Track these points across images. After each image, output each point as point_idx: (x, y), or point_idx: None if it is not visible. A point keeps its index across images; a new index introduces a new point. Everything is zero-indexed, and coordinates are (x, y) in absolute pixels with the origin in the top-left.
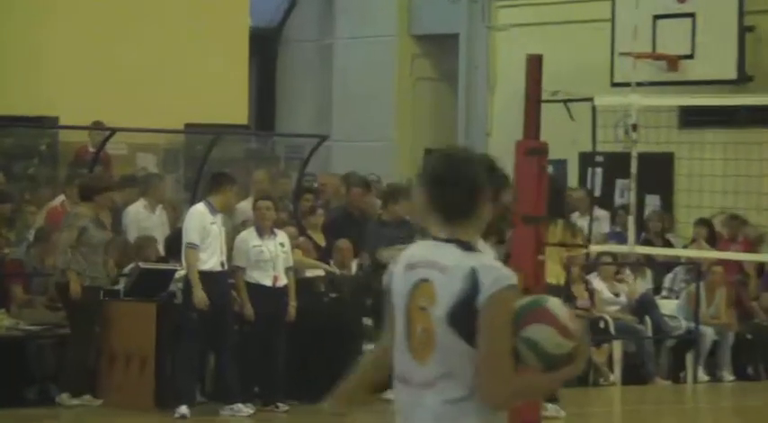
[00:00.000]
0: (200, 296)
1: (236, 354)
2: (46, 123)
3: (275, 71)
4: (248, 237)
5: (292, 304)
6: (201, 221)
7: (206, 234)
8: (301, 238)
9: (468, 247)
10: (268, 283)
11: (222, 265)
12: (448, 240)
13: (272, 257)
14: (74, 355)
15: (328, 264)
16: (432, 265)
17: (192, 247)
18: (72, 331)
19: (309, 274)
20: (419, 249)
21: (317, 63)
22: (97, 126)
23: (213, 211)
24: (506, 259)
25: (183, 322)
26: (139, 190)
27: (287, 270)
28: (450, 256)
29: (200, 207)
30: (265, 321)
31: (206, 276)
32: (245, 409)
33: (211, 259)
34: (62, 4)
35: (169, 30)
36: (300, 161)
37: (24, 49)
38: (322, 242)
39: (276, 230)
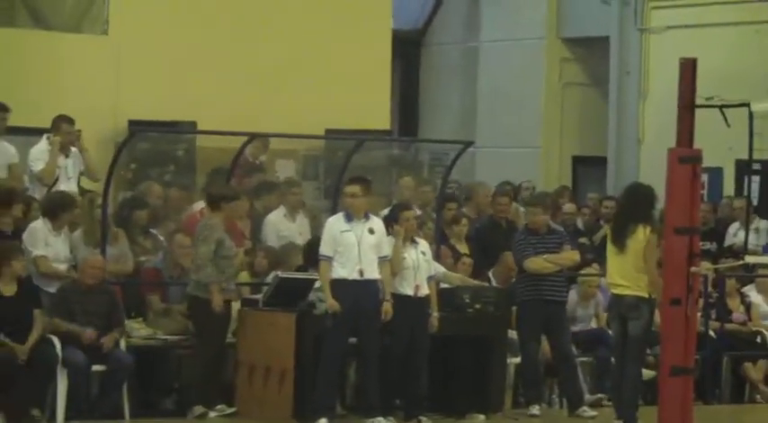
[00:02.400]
0: (330, 303)
1: (378, 365)
2: (183, 128)
3: (419, 75)
4: (387, 247)
5: (435, 315)
6: (332, 232)
7: (338, 243)
8: (443, 248)
9: None
10: (410, 292)
11: (360, 273)
12: None
13: (414, 266)
14: (202, 366)
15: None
16: None
17: (322, 258)
18: (200, 343)
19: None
20: None
21: (462, 67)
22: (234, 132)
23: (348, 218)
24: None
25: (324, 332)
26: (279, 197)
27: (429, 279)
28: None
29: (333, 218)
30: (407, 332)
31: (340, 285)
32: None
33: (344, 268)
34: (199, 7)
35: (310, 33)
36: (444, 168)
37: (160, 52)
38: (465, 251)
39: (418, 239)
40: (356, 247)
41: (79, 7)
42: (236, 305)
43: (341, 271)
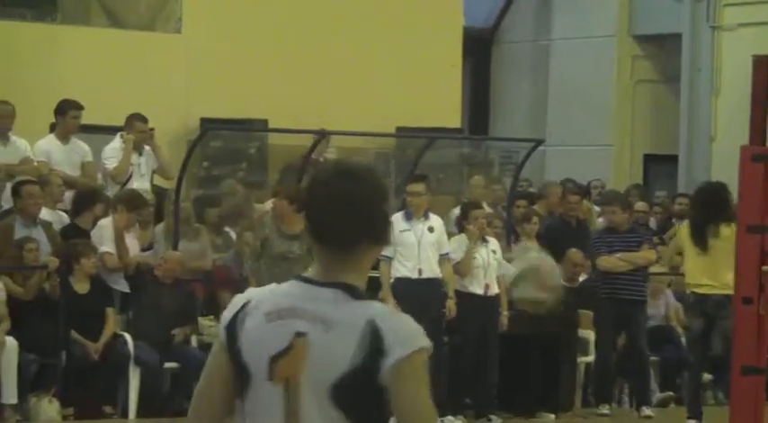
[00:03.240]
0: (390, 304)
1: (448, 365)
2: (255, 126)
3: (489, 73)
4: (459, 243)
5: (504, 314)
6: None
7: (398, 243)
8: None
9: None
10: (480, 291)
11: (419, 272)
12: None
13: (484, 265)
14: None
15: None
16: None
17: (382, 258)
18: None
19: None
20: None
21: (533, 64)
22: (305, 129)
23: (409, 217)
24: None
25: None
26: None
27: (499, 278)
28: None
29: (392, 217)
30: (477, 331)
31: (402, 284)
32: (456, 422)
33: (405, 267)
34: (271, 5)
35: (382, 31)
36: (515, 166)
37: (233, 50)
38: None
39: (488, 237)
40: (416, 246)
41: (153, 6)
42: None
43: (402, 270)
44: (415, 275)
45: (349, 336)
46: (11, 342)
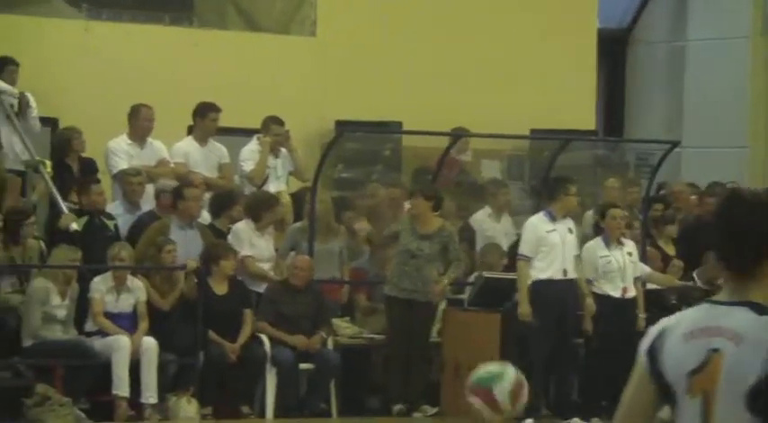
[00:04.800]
0: (524, 310)
1: (584, 367)
2: (389, 128)
3: (624, 74)
4: (595, 247)
5: (641, 316)
6: (535, 232)
7: (542, 243)
8: (651, 249)
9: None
10: (617, 294)
11: (564, 273)
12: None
13: (620, 268)
14: (400, 365)
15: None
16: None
17: (522, 258)
18: (391, 342)
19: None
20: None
21: (669, 65)
22: (440, 132)
23: (552, 218)
24: None
25: (530, 332)
26: (484, 198)
27: (635, 280)
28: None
29: (535, 218)
30: (614, 333)
31: (544, 285)
32: None
33: (550, 268)
34: (405, 7)
35: (516, 32)
36: (650, 168)
37: (367, 53)
38: (672, 253)
39: (624, 240)
40: (561, 246)
41: (288, 9)
42: (440, 305)
43: (546, 271)
44: (559, 276)
45: (759, 347)
46: (151, 342)
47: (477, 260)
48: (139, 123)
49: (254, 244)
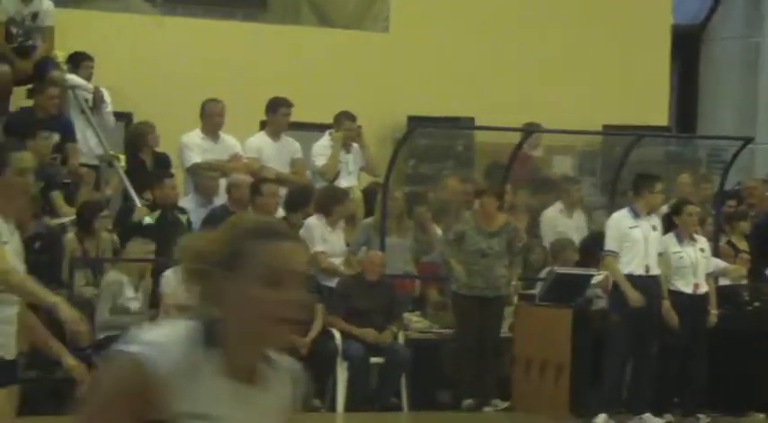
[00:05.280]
0: (633, 296)
1: (655, 362)
2: (462, 124)
3: (698, 70)
4: (668, 242)
5: (713, 312)
6: (618, 228)
7: (625, 239)
8: (724, 245)
9: None
10: (688, 290)
11: (647, 269)
12: None
13: (693, 264)
14: (461, 360)
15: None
16: None
17: (608, 254)
18: (459, 338)
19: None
20: None
21: (743, 62)
22: (512, 127)
23: (635, 215)
24: None
25: (610, 328)
26: (556, 193)
27: (707, 276)
28: None
29: (619, 213)
30: (686, 329)
31: (628, 280)
32: (656, 420)
33: (631, 264)
34: (478, 3)
35: (589, 27)
36: (723, 164)
37: (439, 48)
38: (745, 249)
39: (696, 236)
40: (643, 242)
41: (361, 5)
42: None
43: (627, 266)
44: (641, 272)
45: None
46: None
47: (549, 255)
48: (210, 119)
49: (325, 239)
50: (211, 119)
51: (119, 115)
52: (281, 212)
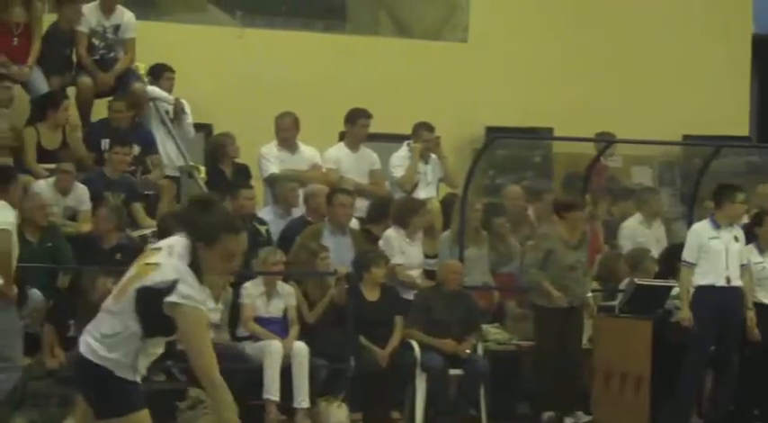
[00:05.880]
0: (684, 314)
1: (736, 374)
2: (540, 134)
3: None
4: (749, 253)
5: None
6: (698, 238)
7: (703, 250)
8: None
9: None
10: None
11: (727, 280)
12: None
13: None
14: (548, 373)
15: None
16: None
17: (685, 264)
18: (539, 349)
19: None
20: None
21: None
22: (591, 138)
23: (716, 225)
24: None
25: (686, 340)
26: (635, 204)
27: None
28: None
29: (699, 224)
30: (766, 342)
31: (705, 292)
32: None
33: (709, 275)
34: (557, 14)
35: (668, 38)
36: None
37: (518, 59)
38: None
39: None
40: (724, 253)
41: (440, 15)
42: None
43: (707, 277)
44: (722, 283)
45: None
46: (302, 347)
47: (628, 267)
48: (281, 132)
49: (404, 251)
50: (282, 132)
51: (199, 126)
52: (354, 223)
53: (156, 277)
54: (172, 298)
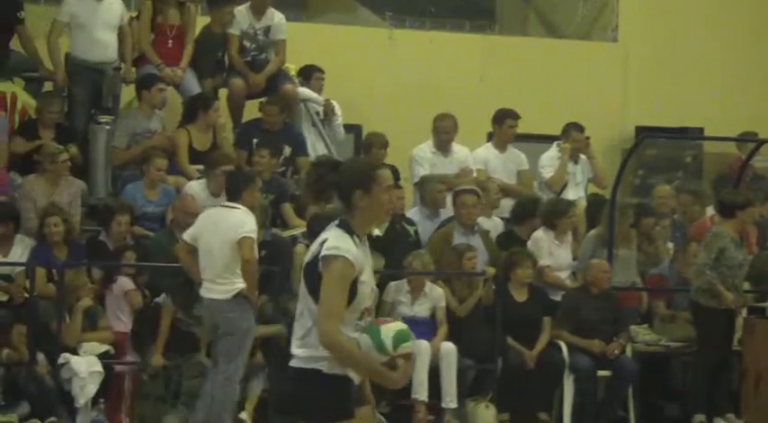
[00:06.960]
0: None
1: None
2: (691, 134)
3: None
4: None
5: None
6: None
7: None
8: None
9: None
10: None
11: None
12: None
13: None
14: (705, 374)
15: None
16: None
17: None
18: (701, 350)
19: None
20: None
21: None
22: (743, 137)
23: None
24: None
25: None
26: None
27: None
28: None
29: None
30: None
31: None
32: None
33: None
34: (706, 12)
35: None
36: None
37: (668, 58)
38: None
39: None
40: None
41: (590, 15)
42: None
43: None
44: None
45: None
46: (450, 347)
47: None
48: (439, 134)
49: (551, 253)
50: (441, 135)
51: (348, 127)
52: (498, 223)
53: (309, 251)
54: (322, 253)
